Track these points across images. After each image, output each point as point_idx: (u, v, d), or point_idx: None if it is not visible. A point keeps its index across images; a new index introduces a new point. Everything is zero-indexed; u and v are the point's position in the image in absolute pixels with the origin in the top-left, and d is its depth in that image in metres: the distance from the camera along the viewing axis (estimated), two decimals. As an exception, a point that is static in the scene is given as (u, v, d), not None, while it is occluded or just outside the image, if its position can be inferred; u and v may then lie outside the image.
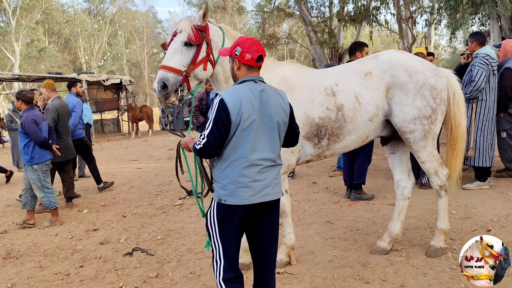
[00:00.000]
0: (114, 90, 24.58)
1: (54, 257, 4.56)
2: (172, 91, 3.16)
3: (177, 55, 3.16)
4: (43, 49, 39.98)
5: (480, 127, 5.90)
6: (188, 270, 3.98)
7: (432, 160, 3.77)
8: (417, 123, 3.61)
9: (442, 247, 3.88)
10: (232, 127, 2.44)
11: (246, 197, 2.47)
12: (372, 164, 8.89)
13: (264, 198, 2.53)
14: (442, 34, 28.35)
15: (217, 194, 2.55)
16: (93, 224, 5.71)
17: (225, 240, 2.56)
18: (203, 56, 3.23)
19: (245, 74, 2.58)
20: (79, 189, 8.04)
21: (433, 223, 4.71)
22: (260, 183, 2.50)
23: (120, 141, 20.24)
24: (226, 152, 2.50)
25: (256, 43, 2.56)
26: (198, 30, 3.19)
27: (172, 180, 8.61)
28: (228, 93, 2.47)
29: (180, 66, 3.15)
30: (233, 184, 2.47)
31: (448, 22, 13.90)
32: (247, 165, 2.46)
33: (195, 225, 5.34)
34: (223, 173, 2.51)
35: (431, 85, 3.62)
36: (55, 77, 20.96)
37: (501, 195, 5.64)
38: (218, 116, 2.43)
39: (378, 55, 3.79)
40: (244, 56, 2.52)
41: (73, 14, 47.75)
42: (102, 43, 49.28)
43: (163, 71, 3.13)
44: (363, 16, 16.25)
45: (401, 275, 3.56)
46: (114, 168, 11.11)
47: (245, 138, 2.45)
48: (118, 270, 4.09)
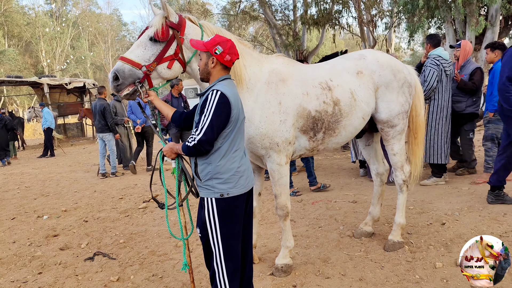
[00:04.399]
0: (77, 93, 23.96)
1: (11, 265, 4.41)
2: (125, 84, 3.01)
3: (140, 48, 3.06)
4: (2, 52, 38.44)
5: (434, 126, 6.14)
6: (150, 272, 3.95)
7: (402, 154, 4.00)
8: (400, 117, 3.86)
9: (399, 241, 4.03)
10: (230, 122, 2.53)
11: (245, 184, 2.64)
12: (335, 163, 9.11)
13: (252, 183, 2.75)
14: (403, 37, 29.20)
15: (218, 190, 2.57)
16: (53, 230, 5.56)
17: (230, 236, 2.60)
18: (170, 54, 3.10)
19: (219, 72, 2.66)
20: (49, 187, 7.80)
21: (391, 218, 4.87)
22: (249, 170, 2.72)
23: (84, 145, 19.75)
24: (224, 147, 2.56)
25: (234, 46, 2.66)
26: (168, 27, 3.07)
27: (136, 183, 8.49)
28: (225, 89, 2.53)
29: (140, 60, 3.02)
30: (235, 175, 2.58)
31: (406, 25, 14.36)
32: (242, 155, 2.65)
33: (159, 228, 5.29)
34: (224, 167, 2.56)
35: (409, 82, 3.92)
36: (14, 81, 20.28)
37: (456, 190, 5.89)
38: (220, 111, 2.46)
39: (364, 55, 3.89)
40: (224, 57, 2.60)
41: (34, 17, 46.22)
42: (64, 46, 47.97)
43: (121, 62, 3.01)
44: (326, 20, 16.60)
45: (360, 269, 3.66)
46: (77, 172, 10.83)
47: (239, 131, 2.63)
48: (78, 276, 4.01)
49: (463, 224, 4.53)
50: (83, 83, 22.22)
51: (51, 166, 12.59)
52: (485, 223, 4.50)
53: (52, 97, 21.59)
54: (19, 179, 10.40)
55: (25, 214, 6.52)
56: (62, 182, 9.44)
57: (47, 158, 14.84)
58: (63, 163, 13.07)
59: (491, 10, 12.13)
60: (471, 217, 4.72)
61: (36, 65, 46.57)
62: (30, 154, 17.19)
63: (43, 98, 20.81)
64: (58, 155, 15.53)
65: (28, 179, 10.22)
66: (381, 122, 3.89)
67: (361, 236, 4.39)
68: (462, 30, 12.29)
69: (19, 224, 5.99)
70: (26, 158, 15.63)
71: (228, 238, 2.59)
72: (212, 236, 2.59)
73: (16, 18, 42.07)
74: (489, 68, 6.55)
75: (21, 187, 9.15)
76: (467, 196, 5.53)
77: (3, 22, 40.78)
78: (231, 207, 2.58)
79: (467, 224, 4.49)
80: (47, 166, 12.65)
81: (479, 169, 6.74)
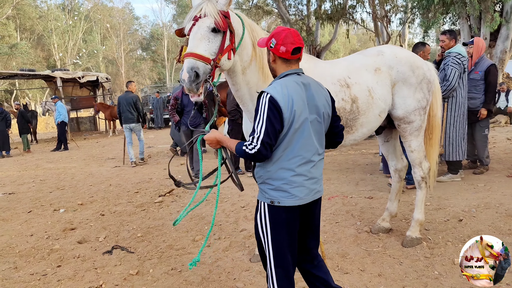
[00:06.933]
0: (90, 87, 24.15)
1: (30, 258, 4.48)
2: (202, 82, 2.74)
3: (204, 42, 2.76)
4: (15, 45, 38.87)
5: (452, 123, 6.08)
6: (169, 266, 3.98)
7: (420, 150, 3.96)
8: (416, 114, 3.83)
9: (417, 237, 4.01)
10: (284, 127, 2.28)
11: (302, 196, 2.35)
12: (350, 159, 9.09)
13: (316, 196, 2.44)
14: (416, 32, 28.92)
15: (268, 196, 2.37)
16: (71, 223, 5.63)
17: (280, 244, 2.39)
18: (227, 44, 2.86)
19: (282, 67, 2.43)
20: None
21: (408, 214, 4.86)
22: (313, 180, 2.40)
23: (97, 139, 19.93)
24: (278, 153, 2.33)
25: (293, 34, 2.38)
26: (223, 16, 2.85)
27: (151, 178, 8.55)
28: (276, 90, 2.28)
29: (208, 54, 2.74)
30: (288, 184, 2.33)
31: (421, 21, 14.20)
32: (302, 163, 2.34)
33: (175, 222, 5.33)
34: (275, 174, 2.35)
35: (428, 79, 3.88)
36: (27, 74, 20.48)
37: (472, 187, 5.85)
38: (271, 115, 2.24)
39: (383, 52, 3.86)
40: (279, 49, 2.37)
41: (46, 10, 46.61)
42: (77, 40, 48.32)
43: (192, 59, 2.68)
44: (340, 15, 16.49)
45: (379, 264, 3.66)
46: (91, 166, 10.94)
47: (299, 135, 2.32)
48: (97, 269, 4.05)
49: (480, 220, 4.49)
50: (96, 77, 22.39)
51: (65, 160, 12.73)
52: (502, 220, 4.47)
53: (65, 91, 21.80)
54: (34, 172, 10.54)
55: (42, 207, 6.61)
56: (77, 175, 9.55)
57: (60, 152, 15.00)
58: (77, 157, 13.20)
59: (506, 7, 12.00)
60: (488, 213, 4.68)
61: (48, 58, 47.03)
62: (44, 147, 17.39)
63: (55, 92, 21.02)
64: (71, 148, 15.69)
65: (42, 173, 10.35)
66: (397, 118, 3.86)
67: (378, 231, 4.38)
68: (477, 26, 12.13)
69: (35, 217, 6.07)
70: (40, 151, 15.81)
71: (278, 246, 2.39)
72: (264, 241, 2.44)
73: (28, 11, 42.44)
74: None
75: (35, 180, 9.27)
76: (484, 193, 5.49)
77: (16, 15, 41.16)
78: (282, 216, 2.35)
79: (484, 221, 4.46)
80: (61, 160, 12.80)
81: (495, 167, 6.68)
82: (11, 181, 9.30)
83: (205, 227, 5.05)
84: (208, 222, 5.25)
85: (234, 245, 4.40)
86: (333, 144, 2.68)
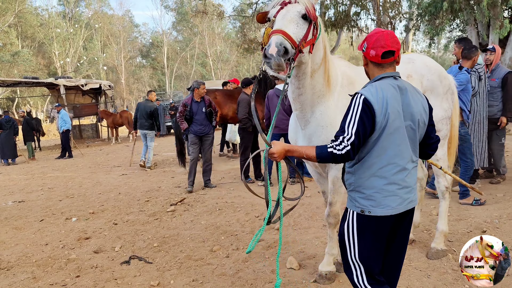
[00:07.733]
0: (92, 95, 24.12)
1: (47, 267, 4.41)
2: (288, 60, 2.54)
3: (292, 24, 2.58)
4: (17, 53, 38.95)
5: (469, 132, 6.04)
6: (190, 277, 3.91)
7: (445, 159, 3.96)
8: (443, 123, 3.84)
9: (442, 249, 3.95)
10: (376, 130, 2.19)
11: (394, 206, 2.24)
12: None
13: (410, 205, 2.32)
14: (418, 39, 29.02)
15: (359, 205, 2.29)
16: (84, 232, 5.56)
17: (368, 256, 2.31)
18: (310, 37, 2.67)
19: (375, 70, 2.33)
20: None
21: (429, 225, 4.80)
22: (407, 189, 2.28)
23: (100, 147, 19.85)
24: (370, 159, 2.24)
25: (385, 37, 2.26)
26: (313, 6, 2.69)
27: (160, 186, 8.48)
28: (370, 92, 2.20)
29: (295, 38, 2.55)
30: (379, 193, 2.23)
31: (427, 28, 14.23)
32: (396, 171, 2.23)
33: (191, 232, 5.27)
34: (367, 182, 2.26)
35: (452, 90, 3.93)
36: (31, 82, 20.46)
37: (490, 197, 5.79)
38: (364, 117, 2.15)
39: (413, 59, 3.87)
40: (369, 53, 2.28)
41: (47, 18, 46.77)
42: (77, 47, 48.40)
43: (281, 36, 2.47)
44: (344, 21, 16.53)
45: (406, 277, 3.58)
46: (98, 174, 10.87)
47: (392, 141, 2.21)
48: (117, 279, 3.98)
49: (505, 232, 4.44)
50: (99, 85, 22.36)
51: (70, 168, 12.66)
52: (527, 231, 4.41)
53: (68, 98, 21.72)
54: (41, 180, 10.47)
55: (53, 216, 6.54)
56: (85, 183, 9.47)
57: (65, 159, 14.93)
58: (82, 165, 13.13)
59: (516, 13, 12.01)
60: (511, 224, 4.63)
61: (49, 66, 47.07)
62: (47, 155, 17.31)
63: (58, 99, 20.98)
64: (75, 156, 15.61)
65: (50, 181, 10.27)
66: None
67: None
68: (486, 33, 12.14)
69: (48, 226, 6.01)
70: (44, 159, 15.73)
71: (366, 257, 2.30)
72: (350, 252, 2.35)
73: (29, 19, 42.65)
74: None
75: (44, 188, 9.20)
76: (504, 203, 5.43)
77: (17, 23, 41.27)
78: (372, 227, 2.26)
79: (508, 232, 4.40)
80: (67, 167, 12.72)
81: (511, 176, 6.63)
82: (19, 189, 9.23)
83: (221, 237, 4.99)
84: (223, 231, 5.18)
85: (253, 256, 4.32)
86: (425, 156, 2.56)
